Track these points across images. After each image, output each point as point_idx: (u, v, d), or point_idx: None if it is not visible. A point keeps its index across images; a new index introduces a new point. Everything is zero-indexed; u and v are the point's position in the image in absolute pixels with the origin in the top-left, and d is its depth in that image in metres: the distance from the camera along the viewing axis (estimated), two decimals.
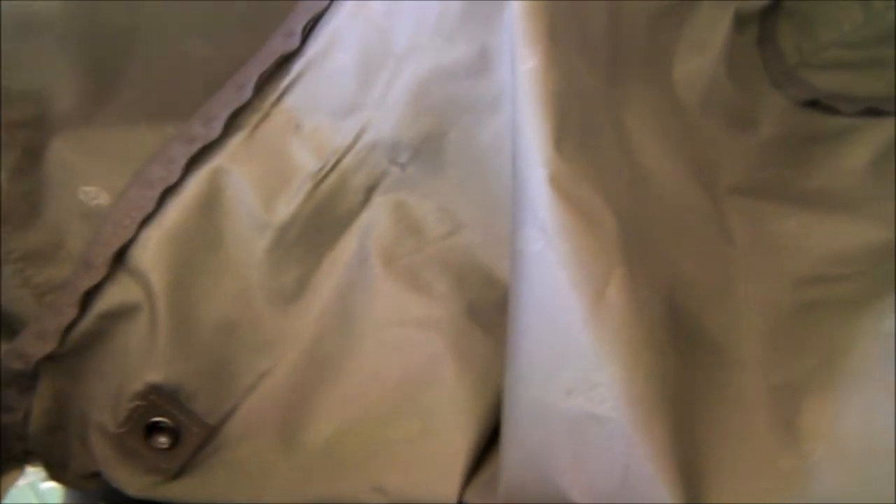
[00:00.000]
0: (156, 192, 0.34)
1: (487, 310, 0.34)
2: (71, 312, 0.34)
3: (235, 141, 0.35)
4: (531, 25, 0.29)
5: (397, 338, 0.34)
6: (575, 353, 0.26)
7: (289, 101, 0.35)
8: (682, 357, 0.28)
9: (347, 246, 0.35)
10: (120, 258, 0.34)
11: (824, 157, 0.37)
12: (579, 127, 0.29)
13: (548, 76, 0.28)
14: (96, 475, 0.37)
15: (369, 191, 0.35)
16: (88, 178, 0.35)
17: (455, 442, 0.32)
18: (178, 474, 0.36)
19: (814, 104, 0.40)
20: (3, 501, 0.39)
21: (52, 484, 0.41)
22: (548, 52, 0.29)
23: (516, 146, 0.29)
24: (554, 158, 0.27)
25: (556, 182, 0.27)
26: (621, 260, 0.27)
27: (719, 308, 0.31)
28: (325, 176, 0.35)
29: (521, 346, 0.28)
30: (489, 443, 0.32)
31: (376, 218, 0.35)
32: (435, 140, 0.34)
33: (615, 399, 0.26)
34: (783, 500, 0.26)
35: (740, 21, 0.39)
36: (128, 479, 0.36)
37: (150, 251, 0.34)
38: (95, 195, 0.35)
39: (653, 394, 0.26)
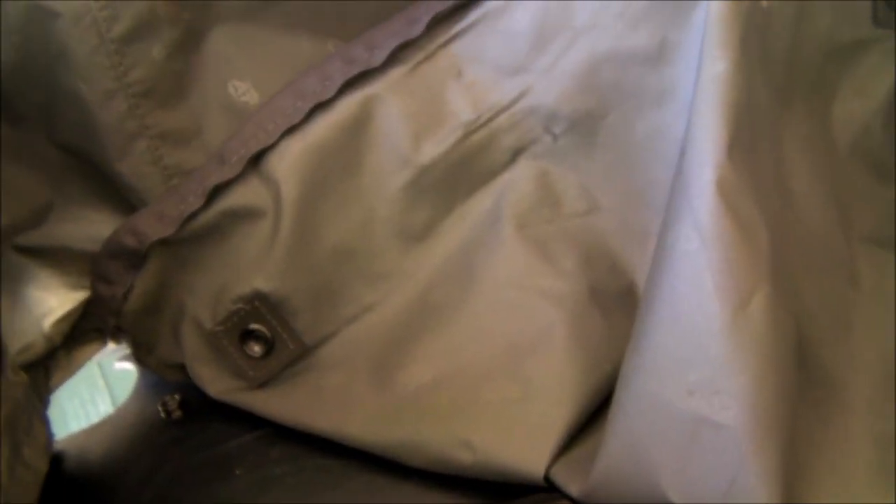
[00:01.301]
0: (306, 105, 0.34)
1: (609, 296, 0.34)
2: (195, 202, 0.34)
3: (396, 73, 0.35)
4: (726, 30, 0.29)
5: (514, 301, 0.34)
6: (705, 356, 0.26)
7: (456, 47, 0.35)
8: (800, 387, 0.27)
9: (482, 201, 0.35)
10: (256, 161, 0.34)
11: None
12: (750, 138, 0.28)
13: (734, 82, 0.28)
14: (180, 367, 0.37)
15: (516, 153, 0.35)
16: (241, 74, 0.35)
17: (552, 414, 0.31)
18: (262, 385, 0.36)
19: None
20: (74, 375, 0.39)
21: (126, 366, 0.41)
22: (738, 58, 0.28)
23: (687, 144, 0.28)
24: (724, 164, 0.27)
25: (722, 187, 0.27)
26: (768, 278, 0.27)
27: (837, 347, 0.30)
28: (478, 129, 0.34)
29: (648, 338, 0.28)
30: (585, 424, 0.32)
31: (517, 181, 0.35)
32: (593, 119, 0.34)
33: (738, 409, 0.25)
34: None
35: None
36: (211, 378, 0.36)
37: (288, 161, 0.34)
38: (245, 91, 0.35)
39: (774, 413, 0.26)
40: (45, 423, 0.36)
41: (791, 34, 0.34)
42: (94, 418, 0.41)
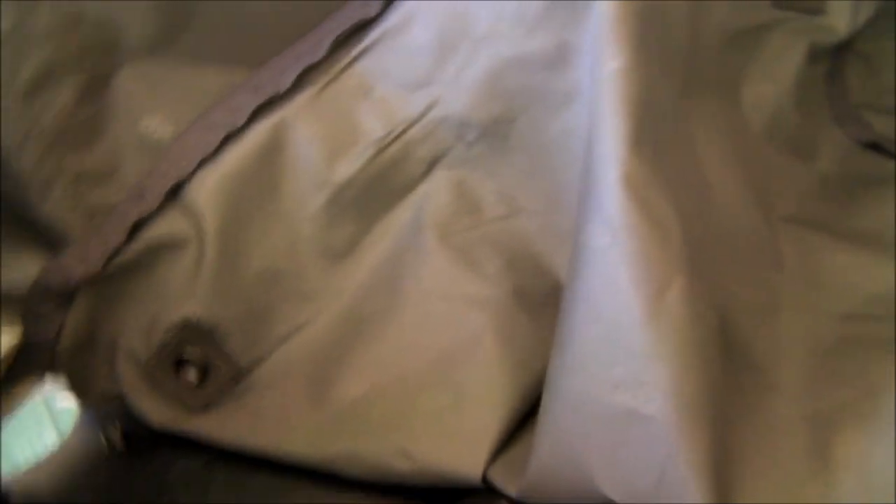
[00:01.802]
0: (218, 136, 0.35)
1: (534, 297, 0.34)
2: (117, 239, 0.35)
3: (303, 97, 0.35)
4: (619, 27, 0.29)
5: (441, 310, 0.35)
6: (627, 350, 0.27)
7: (361, 66, 0.36)
8: (725, 375, 0.28)
9: (402, 214, 0.36)
10: (174, 193, 0.35)
11: (876, 200, 0.38)
12: (654, 132, 0.29)
13: (631, 79, 0.29)
14: (119, 399, 0.38)
15: (431, 164, 0.36)
16: (152, 111, 0.36)
17: (485, 418, 0.32)
18: (202, 410, 0.36)
19: (873, 146, 0.40)
20: (18, 414, 0.40)
21: (66, 403, 0.41)
22: (633, 55, 0.29)
23: (591, 142, 0.29)
24: (629, 159, 0.28)
25: (629, 182, 0.27)
26: (683, 269, 0.27)
27: (764, 332, 0.31)
28: (390, 143, 0.35)
29: (572, 336, 0.29)
30: (520, 424, 0.33)
31: (435, 191, 0.36)
32: (503, 124, 0.35)
33: (662, 400, 0.26)
34: None
35: (812, 55, 0.39)
36: (151, 409, 0.37)
37: (206, 191, 0.35)
38: (156, 128, 0.35)
39: (699, 401, 0.26)
40: None
41: (690, 25, 0.34)
42: (34, 456, 0.41)
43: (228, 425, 0.36)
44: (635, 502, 0.27)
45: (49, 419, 0.47)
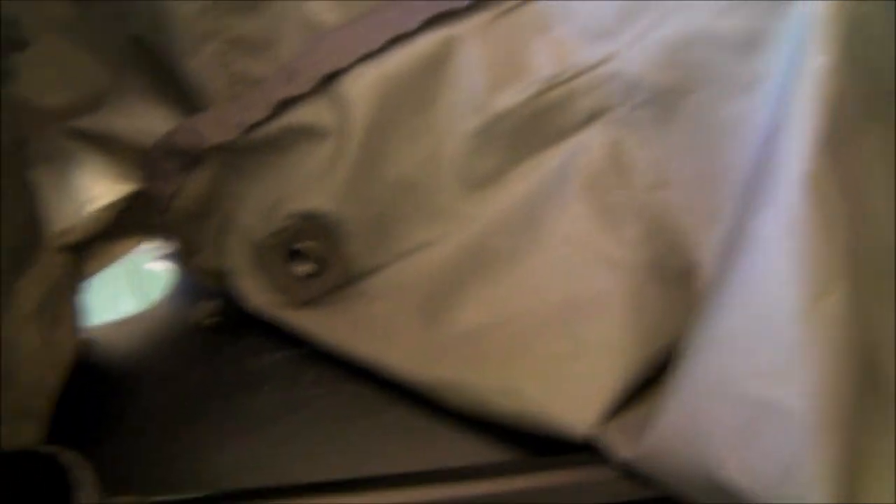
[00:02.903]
0: (386, 35, 0.34)
1: (668, 272, 0.34)
2: (259, 113, 0.34)
3: (481, 18, 0.34)
4: (831, 25, 0.29)
5: (574, 261, 0.34)
6: (776, 341, 0.26)
7: (545, 2, 0.35)
8: (863, 389, 0.28)
9: (551, 158, 0.35)
10: (325, 82, 0.34)
11: None
12: (840, 139, 0.29)
13: (835, 77, 0.28)
14: (219, 275, 0.37)
15: (591, 117, 0.35)
16: None
17: (603, 376, 0.32)
18: (303, 304, 0.36)
19: None
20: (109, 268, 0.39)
21: (159, 267, 0.41)
22: (841, 55, 0.28)
23: (778, 133, 0.28)
24: (817, 157, 0.27)
25: (812, 179, 0.27)
26: (848, 274, 0.27)
27: (889, 361, 0.31)
28: (557, 85, 0.34)
29: (718, 316, 0.28)
30: (633, 393, 0.32)
31: (589, 144, 0.35)
32: (675, 95, 0.34)
33: (803, 396, 0.26)
34: None
35: None
36: (252, 290, 0.36)
37: (361, 86, 0.34)
38: (322, 11, 0.35)
39: (839, 405, 0.26)
40: (78, 308, 0.36)
41: (887, 44, 0.34)
42: (120, 314, 0.40)
43: (329, 325, 0.35)
44: (756, 494, 0.26)
45: (131, 282, 0.46)
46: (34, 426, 0.32)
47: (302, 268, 0.35)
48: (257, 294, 0.36)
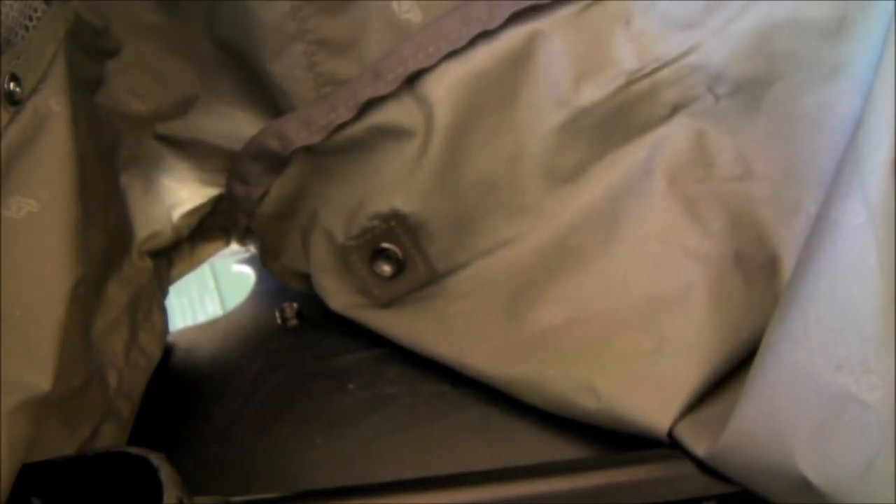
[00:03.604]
0: (471, 31, 0.33)
1: (752, 263, 0.33)
2: (346, 114, 0.34)
3: (564, 12, 0.34)
4: None
5: (657, 255, 0.34)
6: (859, 333, 0.25)
7: None
8: None
9: (635, 152, 0.35)
10: (411, 81, 0.34)
11: None
12: None
13: None
14: (303, 276, 0.37)
15: (676, 108, 0.34)
16: None
17: (684, 372, 0.31)
18: (386, 305, 0.36)
19: None
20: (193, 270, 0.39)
21: (243, 269, 0.41)
22: None
23: (864, 120, 0.28)
24: None
25: None
26: None
27: None
28: (640, 78, 0.34)
29: (800, 308, 0.27)
30: (714, 387, 0.32)
31: (674, 136, 0.34)
32: (760, 85, 0.33)
33: (887, 391, 0.25)
34: None
35: None
36: (335, 291, 0.36)
37: (446, 85, 0.34)
38: (409, 9, 0.35)
39: None
40: (164, 311, 0.37)
41: None
42: (202, 318, 0.41)
43: (412, 325, 0.35)
44: (835, 489, 0.25)
45: (215, 285, 0.47)
46: (117, 428, 0.32)
47: (385, 268, 0.35)
48: (340, 295, 0.36)
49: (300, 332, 0.38)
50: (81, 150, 0.30)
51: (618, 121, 0.34)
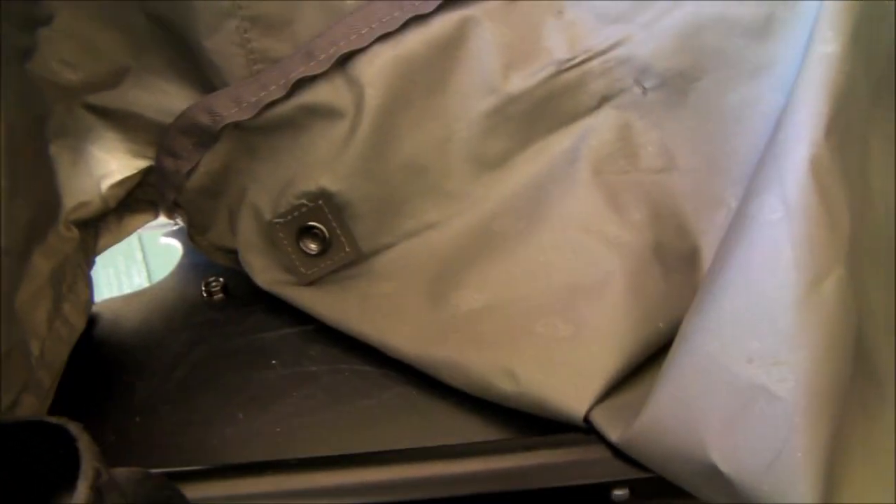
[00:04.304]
0: (404, 15, 0.34)
1: (671, 254, 0.34)
2: (276, 92, 0.34)
3: (497, 0, 0.34)
4: (842, 12, 0.29)
5: (578, 243, 0.34)
6: (771, 326, 0.26)
7: None
8: (859, 381, 0.28)
9: (561, 141, 0.35)
10: (343, 62, 0.34)
11: None
12: (846, 125, 0.29)
13: (842, 66, 0.28)
14: (230, 252, 0.37)
15: (603, 99, 0.35)
16: None
17: (601, 358, 0.32)
18: (311, 283, 0.36)
19: None
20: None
21: (171, 242, 0.41)
22: (849, 43, 0.29)
23: (785, 117, 0.28)
24: (821, 143, 0.27)
25: (814, 165, 0.27)
26: (844, 261, 0.27)
27: (887, 346, 0.31)
28: (570, 68, 0.35)
29: (715, 300, 0.28)
30: (628, 375, 0.32)
31: (599, 127, 0.35)
32: (686, 80, 0.34)
33: (795, 383, 0.26)
34: None
35: None
36: (262, 268, 0.36)
37: (376, 67, 0.34)
38: None
39: (830, 393, 0.26)
40: (89, 282, 0.37)
41: (891, 31, 0.34)
42: (128, 289, 0.40)
43: (335, 304, 0.35)
44: (743, 478, 0.26)
45: (142, 256, 0.46)
46: (38, 398, 0.32)
47: (311, 246, 0.35)
48: (266, 272, 0.36)
49: (225, 306, 0.38)
50: (9, 120, 0.29)
51: (546, 110, 0.35)
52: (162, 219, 0.40)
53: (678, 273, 0.33)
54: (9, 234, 0.29)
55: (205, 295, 0.39)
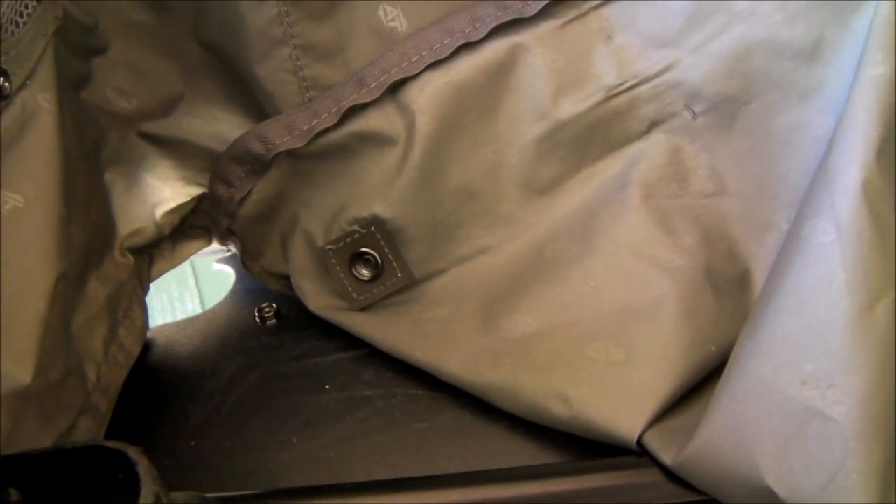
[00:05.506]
0: (455, 42, 0.34)
1: (722, 278, 0.34)
2: (329, 120, 0.35)
3: (546, 26, 0.35)
4: (891, 35, 0.29)
5: (630, 267, 0.34)
6: (825, 348, 0.26)
7: (609, 10, 0.35)
8: None
9: (611, 166, 0.36)
10: (394, 89, 0.34)
11: None
12: (894, 146, 0.29)
13: (892, 88, 0.28)
14: (282, 277, 0.38)
15: (653, 124, 0.35)
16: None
17: (654, 382, 0.32)
18: (363, 308, 0.36)
19: None
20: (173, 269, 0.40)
21: (224, 268, 0.41)
22: None
23: (836, 140, 0.28)
24: (872, 165, 0.27)
25: (866, 188, 0.27)
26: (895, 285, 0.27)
27: None
28: (619, 94, 0.35)
29: (768, 323, 0.28)
30: (681, 398, 0.32)
31: (650, 152, 0.35)
32: (736, 104, 0.34)
33: (850, 405, 0.26)
34: None
35: None
36: (314, 294, 0.36)
37: (428, 94, 0.34)
38: (394, 17, 0.35)
39: (885, 416, 0.26)
40: (144, 308, 0.37)
41: None
42: (181, 315, 0.41)
43: (387, 329, 0.36)
44: (798, 501, 0.26)
45: (195, 283, 0.47)
46: (94, 422, 0.33)
47: (364, 272, 0.36)
48: (318, 297, 0.37)
49: (278, 332, 0.38)
50: (67, 147, 0.30)
51: (595, 135, 0.35)
52: (215, 245, 0.41)
53: (729, 296, 0.33)
54: (66, 260, 0.29)
55: (258, 320, 0.39)
